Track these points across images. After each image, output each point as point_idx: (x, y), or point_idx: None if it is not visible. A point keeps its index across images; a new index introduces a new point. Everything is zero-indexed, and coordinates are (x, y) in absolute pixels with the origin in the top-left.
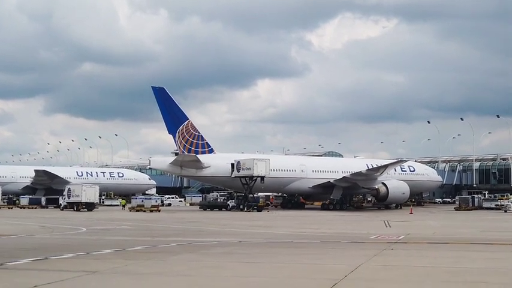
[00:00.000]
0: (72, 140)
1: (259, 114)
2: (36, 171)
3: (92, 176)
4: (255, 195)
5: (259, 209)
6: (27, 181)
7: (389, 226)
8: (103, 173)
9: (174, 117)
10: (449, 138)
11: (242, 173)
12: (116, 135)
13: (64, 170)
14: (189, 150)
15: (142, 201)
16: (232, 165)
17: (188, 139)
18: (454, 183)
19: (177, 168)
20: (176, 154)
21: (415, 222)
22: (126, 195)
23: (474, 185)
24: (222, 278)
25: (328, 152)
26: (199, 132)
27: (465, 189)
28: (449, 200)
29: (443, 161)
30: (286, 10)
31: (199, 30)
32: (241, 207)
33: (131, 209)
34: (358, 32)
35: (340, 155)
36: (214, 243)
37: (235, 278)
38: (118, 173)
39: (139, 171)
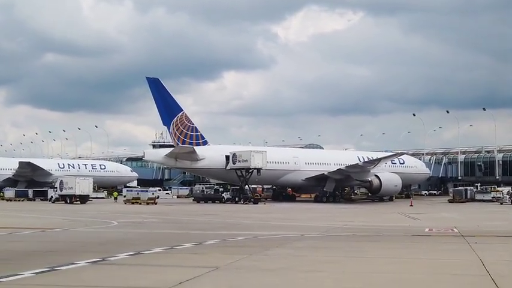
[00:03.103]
0: (50, 132)
1: (225, 106)
2: (20, 163)
3: (73, 168)
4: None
5: (256, 202)
6: (9, 173)
7: (419, 219)
8: (85, 165)
9: (168, 109)
10: (430, 131)
11: (238, 165)
12: (96, 126)
13: (45, 162)
14: (184, 142)
15: (138, 193)
16: (227, 157)
17: (183, 131)
18: (440, 175)
19: (172, 161)
20: (154, 146)
21: (431, 214)
22: (107, 187)
23: (459, 178)
24: (359, 274)
25: (309, 144)
26: (193, 124)
27: (451, 181)
28: (435, 192)
29: (428, 154)
30: (252, 2)
31: (165, 21)
32: (236, 199)
33: (126, 201)
34: (324, 25)
35: (321, 147)
36: (279, 237)
37: (378, 275)
38: (100, 165)
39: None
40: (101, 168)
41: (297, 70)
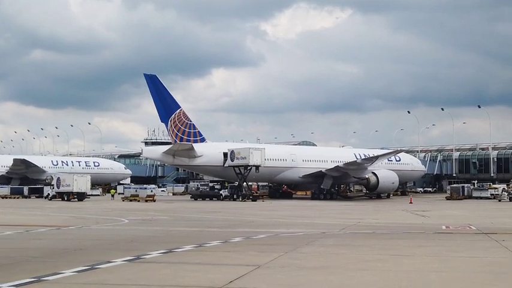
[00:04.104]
0: (42, 129)
1: (214, 103)
2: (14, 160)
3: (67, 165)
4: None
5: (254, 199)
6: (3, 170)
7: (428, 216)
8: (78, 162)
9: (166, 106)
10: (423, 128)
11: (236, 162)
12: (89, 123)
13: (39, 159)
14: (181, 139)
15: (136, 190)
16: (225, 154)
17: (180, 128)
18: (435, 172)
19: (170, 158)
20: (146, 143)
21: (437, 212)
22: (100, 184)
23: (454, 175)
24: (410, 273)
25: (302, 141)
26: (191, 121)
27: (445, 178)
28: (430, 189)
29: (422, 151)
30: None
31: (153, 18)
32: (234, 196)
33: (124, 198)
34: (312, 23)
35: (314, 144)
36: (301, 234)
37: (430, 274)
38: (94, 162)
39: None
40: (94, 166)
41: (285, 67)
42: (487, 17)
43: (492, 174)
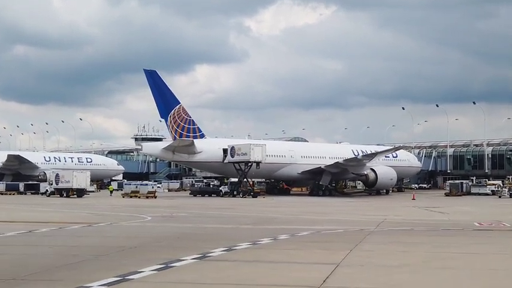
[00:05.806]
0: (32, 124)
1: (198, 100)
2: (8, 156)
3: (60, 161)
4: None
5: (255, 195)
6: None
7: (447, 213)
8: (71, 158)
9: (165, 101)
10: (415, 125)
11: (237, 158)
12: (81, 119)
13: (31, 154)
14: (181, 135)
15: (137, 187)
16: (224, 150)
17: (180, 123)
18: (430, 169)
19: (169, 154)
20: (136, 139)
21: (450, 208)
22: (93, 181)
23: (448, 171)
24: (491, 272)
25: (294, 137)
26: (190, 117)
27: (440, 175)
28: (425, 185)
29: (416, 147)
30: None
31: (137, 14)
32: (234, 193)
33: (124, 195)
34: (296, 19)
35: (306, 141)
36: (341, 231)
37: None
38: (86, 158)
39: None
40: (87, 162)
41: (269, 64)
42: (471, 14)
43: (487, 171)
